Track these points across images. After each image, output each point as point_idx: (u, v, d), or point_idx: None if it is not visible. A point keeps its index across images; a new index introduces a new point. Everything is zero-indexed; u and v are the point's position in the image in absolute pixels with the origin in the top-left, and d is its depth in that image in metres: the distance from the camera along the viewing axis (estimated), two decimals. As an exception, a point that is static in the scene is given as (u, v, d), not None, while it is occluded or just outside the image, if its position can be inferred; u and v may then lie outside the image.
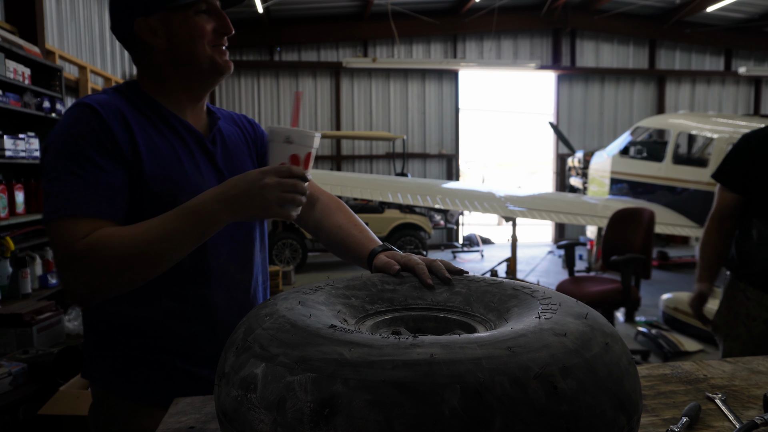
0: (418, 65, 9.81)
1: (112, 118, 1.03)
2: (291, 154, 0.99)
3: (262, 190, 0.95)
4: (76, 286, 0.97)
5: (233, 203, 0.96)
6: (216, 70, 1.13)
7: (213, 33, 1.11)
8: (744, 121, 6.93)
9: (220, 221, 0.98)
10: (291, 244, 7.98)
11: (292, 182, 0.96)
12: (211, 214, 0.97)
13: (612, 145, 8.02)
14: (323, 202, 1.30)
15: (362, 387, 0.56)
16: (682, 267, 8.33)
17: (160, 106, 1.11)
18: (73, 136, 1.00)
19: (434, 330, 0.84)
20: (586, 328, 0.67)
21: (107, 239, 0.95)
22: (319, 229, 1.27)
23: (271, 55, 9.97)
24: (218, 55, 1.12)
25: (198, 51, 1.09)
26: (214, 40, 1.11)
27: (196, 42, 1.09)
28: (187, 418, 0.89)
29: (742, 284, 2.03)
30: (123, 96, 1.10)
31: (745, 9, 9.95)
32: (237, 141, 1.25)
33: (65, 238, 0.95)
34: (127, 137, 1.04)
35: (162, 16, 1.07)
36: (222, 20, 1.12)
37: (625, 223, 4.14)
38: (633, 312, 4.62)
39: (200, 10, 1.09)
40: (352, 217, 1.26)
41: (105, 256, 0.94)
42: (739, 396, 0.94)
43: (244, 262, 1.20)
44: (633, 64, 11.10)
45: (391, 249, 1.09)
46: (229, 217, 0.97)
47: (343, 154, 10.24)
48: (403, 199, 5.64)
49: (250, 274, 1.22)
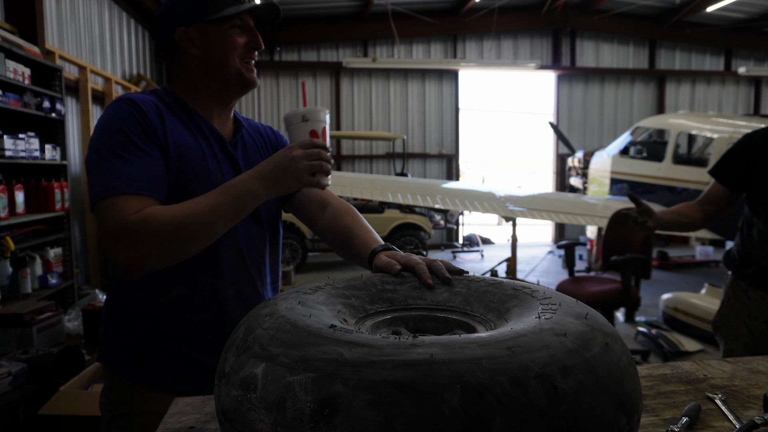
0: (418, 65, 9.81)
1: (149, 109, 1.14)
2: (310, 130, 1.11)
3: (292, 161, 1.07)
4: (129, 256, 1.03)
5: (268, 178, 1.08)
6: (241, 83, 1.23)
7: (244, 47, 1.22)
8: (744, 121, 6.93)
9: (258, 196, 1.08)
10: (291, 244, 7.98)
11: (316, 151, 1.08)
12: (249, 189, 1.07)
13: (612, 145, 8.02)
14: (333, 206, 1.36)
15: (362, 387, 0.56)
16: (682, 267, 8.32)
17: (190, 109, 1.22)
18: (117, 124, 1.10)
19: (434, 330, 0.84)
20: (586, 328, 0.67)
21: (158, 213, 1.03)
22: (329, 232, 1.33)
23: (271, 55, 9.97)
24: (246, 69, 1.23)
25: (228, 61, 1.20)
26: (245, 53, 1.22)
27: (227, 53, 1.20)
28: (187, 418, 0.89)
29: (743, 284, 2.03)
30: (158, 97, 1.21)
31: (745, 9, 9.95)
32: (257, 148, 1.35)
33: (119, 213, 1.02)
34: (161, 128, 1.14)
35: (201, 27, 1.19)
36: (254, 36, 1.23)
37: (625, 223, 4.14)
38: (633, 312, 4.62)
39: (235, 25, 1.21)
40: (359, 220, 1.31)
41: (156, 227, 1.02)
42: (739, 396, 0.94)
43: (254, 258, 1.27)
44: (633, 64, 11.10)
45: (391, 249, 1.11)
46: (265, 191, 1.08)
47: (343, 154, 10.24)
48: (403, 199, 5.64)
49: (259, 271, 1.28)
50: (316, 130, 1.12)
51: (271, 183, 1.08)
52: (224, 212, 1.07)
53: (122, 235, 1.02)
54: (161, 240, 1.03)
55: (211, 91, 1.24)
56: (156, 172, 1.10)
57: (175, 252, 1.05)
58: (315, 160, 1.08)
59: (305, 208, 1.39)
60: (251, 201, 1.08)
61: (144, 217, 1.02)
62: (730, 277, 2.11)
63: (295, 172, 1.07)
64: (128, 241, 1.02)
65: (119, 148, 1.08)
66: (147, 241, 1.02)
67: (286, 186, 1.09)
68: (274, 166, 1.08)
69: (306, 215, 1.39)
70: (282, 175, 1.08)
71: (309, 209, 1.38)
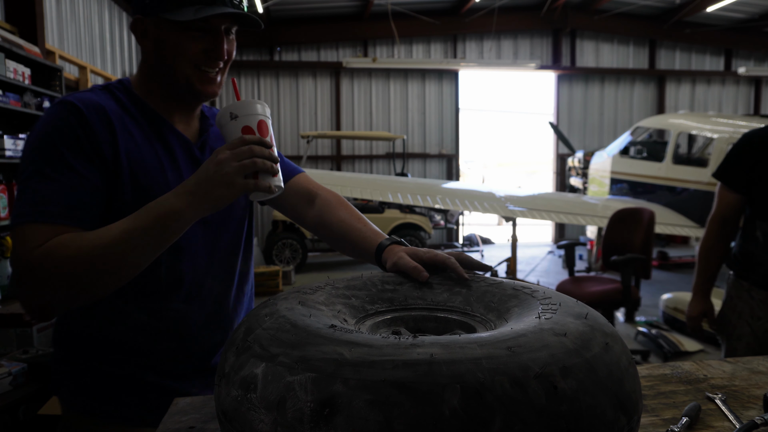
0: (418, 65, 9.81)
1: (95, 117, 0.97)
2: (242, 127, 0.93)
3: (218, 166, 0.88)
4: (31, 298, 0.89)
5: (193, 191, 0.89)
6: (191, 92, 1.05)
7: (203, 54, 1.03)
8: (744, 121, 6.93)
9: (182, 216, 0.89)
10: (291, 244, 7.98)
11: (247, 148, 0.89)
12: (169, 209, 0.89)
13: (612, 145, 8.02)
14: (323, 197, 1.24)
15: (362, 387, 0.56)
16: (682, 267, 8.32)
17: (148, 108, 1.06)
18: (50, 135, 0.95)
19: (434, 330, 0.84)
20: (586, 328, 0.67)
21: (63, 245, 0.87)
22: (321, 226, 1.22)
23: (271, 55, 9.97)
24: (198, 79, 1.04)
25: (177, 68, 1.03)
26: (204, 62, 1.03)
27: (177, 59, 1.02)
28: (187, 418, 0.89)
29: (746, 284, 2.01)
30: (111, 95, 1.04)
31: (745, 9, 9.95)
32: None
33: (23, 246, 0.88)
34: (109, 140, 0.97)
35: (156, 21, 1.02)
36: (217, 44, 1.03)
37: (625, 223, 4.14)
38: (633, 312, 4.61)
39: (193, 28, 1.01)
40: (355, 212, 1.21)
41: (59, 263, 0.86)
42: (739, 396, 0.93)
43: (225, 274, 1.14)
44: (633, 64, 11.10)
45: (399, 242, 1.05)
46: (190, 209, 0.89)
47: (343, 154, 10.24)
48: (403, 199, 5.64)
49: (231, 286, 1.16)
50: (250, 126, 0.93)
51: (197, 197, 0.89)
52: (140, 240, 0.88)
53: (24, 273, 0.87)
54: (65, 278, 0.87)
55: (165, 94, 1.08)
56: (83, 195, 0.93)
57: (86, 291, 0.90)
58: (246, 159, 0.88)
59: (289, 203, 1.25)
60: (174, 223, 0.89)
61: (46, 252, 0.87)
62: (732, 277, 2.09)
63: (224, 178, 0.88)
64: (29, 281, 0.87)
65: (44, 164, 0.92)
66: (50, 281, 0.87)
67: (215, 198, 0.89)
68: (199, 177, 0.89)
69: (292, 211, 1.26)
70: (208, 185, 0.88)
71: (294, 204, 1.25)
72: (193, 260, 1.08)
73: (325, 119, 10.17)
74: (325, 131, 9.57)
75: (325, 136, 8.86)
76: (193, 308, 1.07)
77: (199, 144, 1.11)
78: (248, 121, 0.93)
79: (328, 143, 10.20)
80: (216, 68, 1.05)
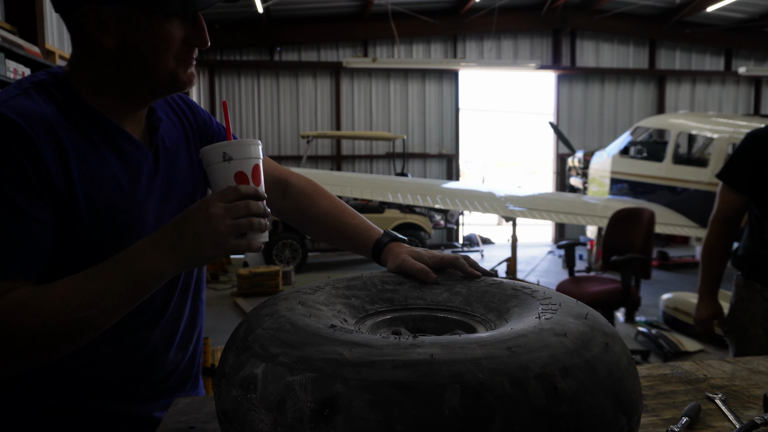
0: (418, 65, 9.81)
1: (42, 138, 0.78)
2: (235, 173, 0.82)
3: (209, 223, 0.77)
4: None
5: (176, 247, 0.78)
6: (175, 86, 0.90)
7: (183, 44, 0.87)
8: (744, 121, 6.93)
9: (161, 273, 0.79)
10: (291, 244, 7.98)
11: (243, 204, 0.79)
12: (150, 267, 0.78)
13: (612, 145, 8.02)
14: (296, 186, 1.14)
15: (362, 387, 0.56)
16: (682, 267, 8.32)
17: (96, 114, 0.87)
18: None
19: (434, 330, 0.84)
20: (586, 328, 0.67)
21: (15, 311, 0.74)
22: (302, 218, 1.13)
23: (271, 55, 9.97)
24: (183, 69, 0.89)
25: (158, 65, 0.85)
26: (183, 51, 0.87)
27: (158, 54, 0.85)
28: (187, 418, 0.89)
29: (758, 285, 1.97)
30: (51, 99, 0.84)
31: (745, 9, 9.95)
32: (177, 141, 1.02)
33: None
34: (59, 165, 0.80)
35: (119, 10, 0.81)
36: (198, 30, 0.88)
37: (625, 223, 4.14)
38: (633, 312, 4.61)
39: (171, 13, 0.83)
40: (338, 202, 1.13)
41: (12, 334, 0.74)
42: (739, 396, 0.93)
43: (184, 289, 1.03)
44: (633, 64, 11.10)
45: (398, 239, 1.03)
46: (172, 266, 0.79)
47: (343, 154, 10.24)
48: (403, 199, 5.64)
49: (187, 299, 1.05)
50: (245, 172, 0.82)
51: (181, 254, 0.78)
52: (112, 302, 0.77)
53: None
54: (20, 350, 0.74)
55: (125, 94, 0.89)
56: (31, 241, 0.78)
57: (44, 358, 0.78)
58: (242, 218, 0.78)
59: None
60: (154, 281, 0.79)
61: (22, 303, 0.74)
62: (741, 278, 2.04)
63: (215, 237, 0.77)
64: None
65: None
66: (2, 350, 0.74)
67: (202, 257, 0.79)
68: (184, 229, 0.78)
69: None
70: (196, 242, 0.78)
71: None
72: None
73: (325, 119, 10.17)
74: (325, 131, 9.57)
75: (325, 136, 8.86)
76: (156, 332, 0.97)
77: (154, 150, 0.95)
78: (243, 166, 0.82)
79: (328, 143, 10.19)
80: (195, 56, 0.91)
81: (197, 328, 1.09)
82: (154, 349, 0.98)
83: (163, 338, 0.99)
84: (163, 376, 1.01)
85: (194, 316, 1.07)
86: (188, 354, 1.07)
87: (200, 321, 1.10)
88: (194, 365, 1.10)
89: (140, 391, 0.98)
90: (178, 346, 1.02)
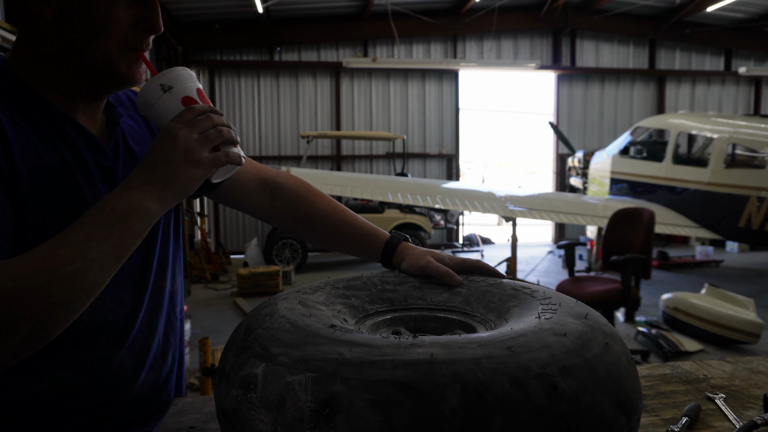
0: (418, 65, 9.81)
1: None
2: (181, 99, 0.77)
3: (176, 144, 0.72)
4: None
5: (152, 181, 0.72)
6: (113, 78, 0.81)
7: (132, 28, 0.79)
8: (744, 121, 6.94)
9: (148, 210, 0.72)
10: (291, 244, 7.98)
11: (204, 117, 0.74)
12: (129, 205, 0.71)
13: (612, 145, 8.03)
14: (285, 186, 1.07)
15: (362, 387, 0.56)
16: (682, 267, 8.32)
17: (42, 101, 0.80)
18: None
19: (434, 330, 0.84)
20: (586, 328, 0.67)
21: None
22: (296, 221, 1.07)
23: (271, 55, 9.97)
24: (125, 62, 0.80)
25: (95, 47, 0.77)
26: (132, 39, 0.79)
27: (97, 34, 0.77)
28: (187, 418, 0.89)
29: None
30: None
31: (745, 9, 9.95)
32: (141, 138, 0.94)
33: None
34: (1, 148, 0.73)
35: None
36: (150, 11, 0.79)
37: (625, 223, 4.15)
38: (633, 312, 4.62)
39: None
40: (334, 202, 1.08)
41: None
42: (739, 396, 0.93)
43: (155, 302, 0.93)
44: (633, 64, 11.10)
45: (406, 239, 1.02)
46: (155, 201, 0.72)
47: (343, 154, 10.24)
48: (403, 199, 5.65)
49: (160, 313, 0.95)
50: (191, 96, 0.78)
51: (160, 185, 0.72)
52: (99, 252, 0.68)
53: None
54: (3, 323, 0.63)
55: (68, 80, 0.81)
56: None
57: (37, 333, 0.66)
58: (209, 129, 0.74)
59: (242, 194, 1.05)
60: (138, 223, 0.71)
61: None
62: None
63: (188, 155, 0.72)
64: None
65: None
66: None
67: (183, 181, 0.73)
68: (155, 161, 0.72)
69: (246, 204, 1.07)
70: (171, 167, 0.72)
71: (248, 195, 1.05)
72: (120, 294, 0.86)
73: (325, 119, 10.16)
74: (325, 131, 9.57)
75: (325, 136, 8.86)
76: (121, 353, 0.87)
77: (112, 144, 0.87)
78: (187, 91, 0.78)
79: (328, 143, 10.19)
80: (147, 46, 0.82)
81: (172, 347, 0.98)
82: (121, 371, 0.87)
83: (130, 359, 0.88)
84: (137, 401, 0.91)
85: (168, 334, 0.97)
86: (162, 377, 0.95)
87: (176, 340, 0.99)
88: (169, 390, 0.98)
89: (107, 420, 0.87)
90: (150, 367, 0.92)
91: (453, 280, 0.90)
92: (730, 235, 6.12)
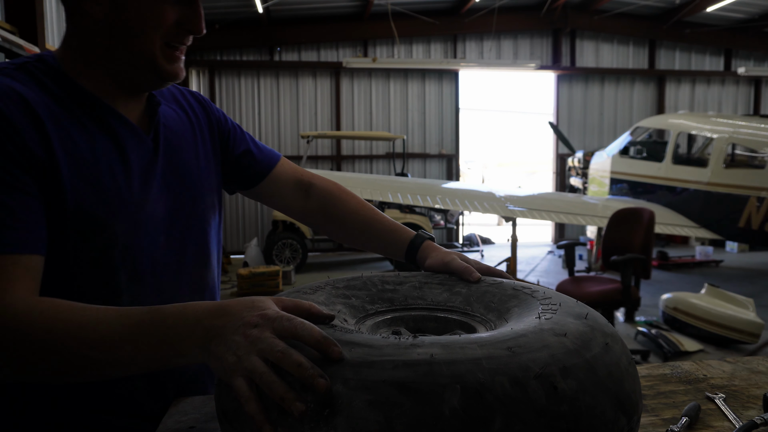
0: (418, 65, 9.81)
1: (14, 110, 0.75)
2: None
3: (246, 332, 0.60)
4: None
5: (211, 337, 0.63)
6: (157, 74, 0.85)
7: (175, 27, 0.83)
8: (744, 121, 6.93)
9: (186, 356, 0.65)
10: (291, 244, 7.98)
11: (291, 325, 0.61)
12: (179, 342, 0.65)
13: (612, 145, 8.03)
14: (320, 187, 1.13)
15: (362, 387, 0.56)
16: (682, 267, 8.32)
17: (86, 93, 0.83)
18: None
19: (434, 330, 0.84)
20: (586, 328, 0.67)
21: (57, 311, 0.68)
22: (328, 219, 1.11)
23: (271, 55, 9.96)
24: (167, 59, 0.84)
25: (143, 43, 0.82)
26: (175, 36, 0.84)
27: (145, 31, 0.81)
28: (187, 418, 0.89)
29: None
30: (30, 76, 0.80)
31: (745, 9, 9.95)
32: (181, 131, 0.97)
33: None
34: (37, 137, 0.76)
35: None
36: (193, 13, 0.84)
37: (625, 223, 4.14)
38: (633, 312, 4.62)
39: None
40: (364, 201, 1.13)
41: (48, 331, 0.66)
42: (739, 396, 0.93)
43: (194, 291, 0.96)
44: (633, 64, 11.10)
45: (431, 239, 1.04)
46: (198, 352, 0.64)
47: (343, 154, 10.24)
48: (403, 199, 5.64)
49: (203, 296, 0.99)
50: None
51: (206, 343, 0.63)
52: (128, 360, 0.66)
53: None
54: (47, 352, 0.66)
55: (113, 74, 0.85)
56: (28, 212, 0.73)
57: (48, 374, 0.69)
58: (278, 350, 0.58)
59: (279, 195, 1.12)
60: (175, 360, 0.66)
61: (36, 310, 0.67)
62: None
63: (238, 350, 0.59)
64: None
65: None
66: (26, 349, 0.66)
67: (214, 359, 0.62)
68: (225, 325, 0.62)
69: (282, 204, 1.13)
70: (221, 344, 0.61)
71: (285, 195, 1.12)
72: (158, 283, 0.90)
73: (325, 119, 10.16)
74: (325, 131, 9.56)
75: (325, 136, 8.86)
76: None
77: (152, 135, 0.91)
78: None
79: (328, 143, 10.19)
80: (186, 44, 0.87)
81: None
82: None
83: None
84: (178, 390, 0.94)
85: None
86: None
87: None
88: None
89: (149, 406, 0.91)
90: None
91: (472, 275, 0.90)
92: (730, 235, 6.12)
